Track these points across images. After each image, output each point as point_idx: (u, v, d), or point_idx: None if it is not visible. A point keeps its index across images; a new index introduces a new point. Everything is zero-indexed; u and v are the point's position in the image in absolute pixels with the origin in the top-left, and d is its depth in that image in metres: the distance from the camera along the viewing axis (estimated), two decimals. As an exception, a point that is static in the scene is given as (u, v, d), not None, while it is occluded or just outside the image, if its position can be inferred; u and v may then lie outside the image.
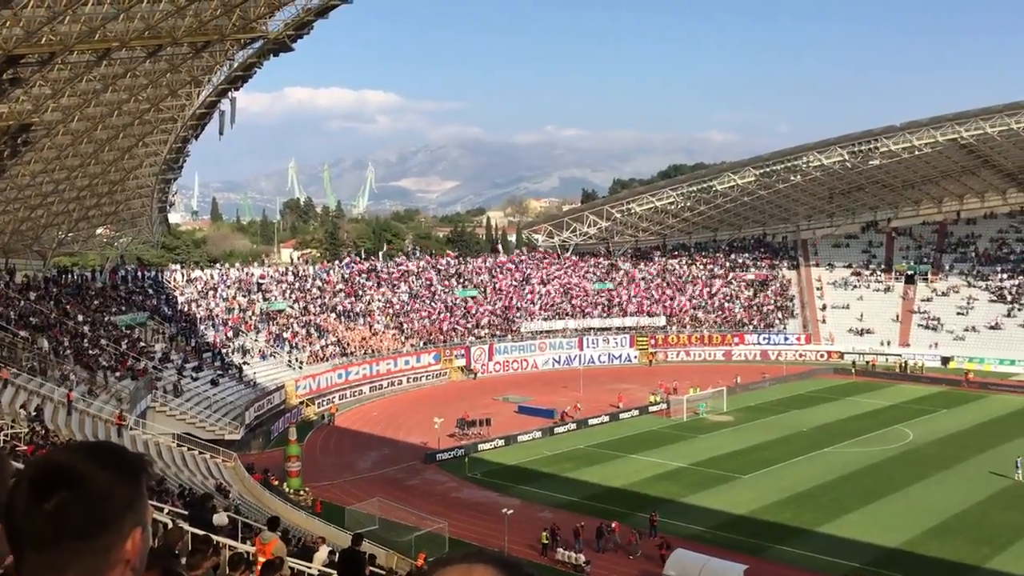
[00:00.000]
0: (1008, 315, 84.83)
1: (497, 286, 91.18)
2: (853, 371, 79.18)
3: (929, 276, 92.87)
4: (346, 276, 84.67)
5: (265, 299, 75.77)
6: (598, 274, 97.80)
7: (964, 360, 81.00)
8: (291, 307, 76.20)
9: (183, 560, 7.85)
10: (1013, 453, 48.92)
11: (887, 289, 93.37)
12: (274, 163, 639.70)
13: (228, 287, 75.76)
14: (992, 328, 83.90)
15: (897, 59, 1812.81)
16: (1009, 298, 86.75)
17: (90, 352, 51.88)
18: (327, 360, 70.52)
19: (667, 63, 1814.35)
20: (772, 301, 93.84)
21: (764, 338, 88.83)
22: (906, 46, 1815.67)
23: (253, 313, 72.96)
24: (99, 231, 69.52)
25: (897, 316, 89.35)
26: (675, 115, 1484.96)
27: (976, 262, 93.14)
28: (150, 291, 70.88)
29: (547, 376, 79.04)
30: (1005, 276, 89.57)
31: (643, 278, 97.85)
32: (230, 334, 68.06)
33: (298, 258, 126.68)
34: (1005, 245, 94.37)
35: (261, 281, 78.47)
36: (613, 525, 36.63)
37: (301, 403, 62.72)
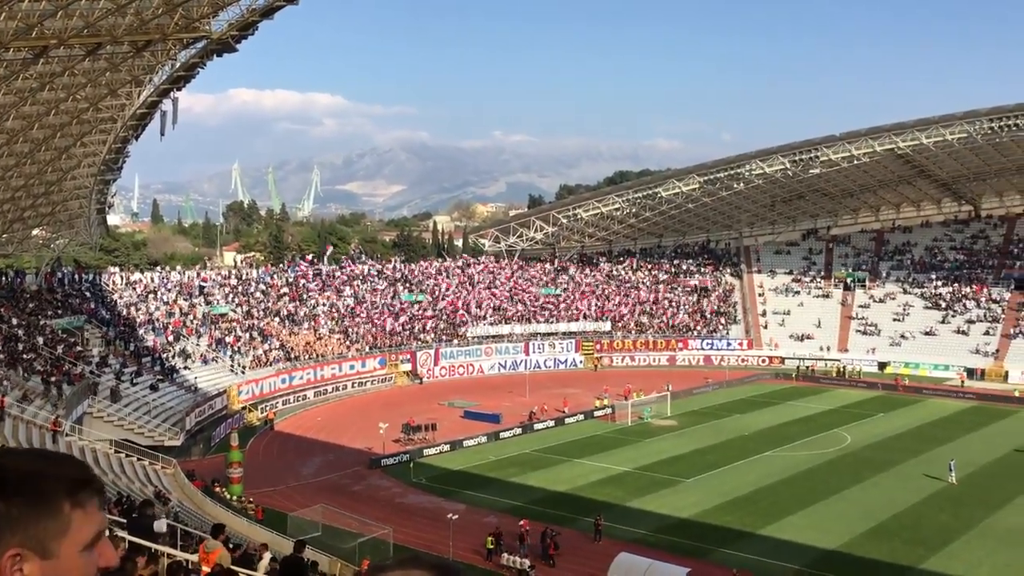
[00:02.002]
0: (942, 321, 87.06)
1: (443, 291, 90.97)
2: (795, 376, 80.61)
3: (867, 283, 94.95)
4: (290, 280, 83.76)
5: (207, 303, 74.59)
6: (544, 279, 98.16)
7: (900, 365, 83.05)
8: (234, 311, 75.11)
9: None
10: (947, 456, 50.21)
11: (826, 296, 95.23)
12: (217, 165, 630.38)
13: (169, 290, 74.44)
14: (927, 334, 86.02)
15: (837, 70, 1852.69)
16: (943, 305, 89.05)
17: (24, 356, 50.56)
18: (270, 365, 69.66)
19: (615, 71, 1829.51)
20: (715, 307, 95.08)
21: (707, 343, 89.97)
22: (846, 58, 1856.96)
23: (195, 317, 71.77)
24: (35, 232, 67.76)
25: (836, 322, 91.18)
26: (622, 122, 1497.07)
27: (912, 269, 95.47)
28: (87, 294, 69.33)
29: (493, 381, 79.04)
30: (940, 283, 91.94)
31: (589, 283, 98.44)
32: (171, 338, 66.88)
33: (241, 261, 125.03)
34: (940, 253, 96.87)
35: (203, 284, 77.24)
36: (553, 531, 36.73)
37: (243, 408, 61.85)
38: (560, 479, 46.98)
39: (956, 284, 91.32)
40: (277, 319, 76.63)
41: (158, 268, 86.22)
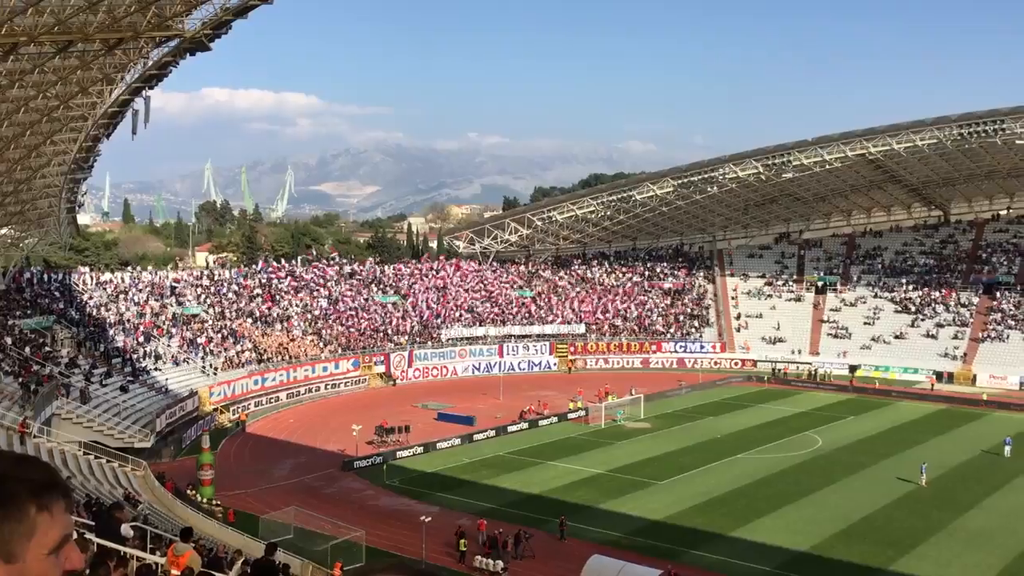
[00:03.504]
0: (912, 325, 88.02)
1: (418, 292, 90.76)
2: (766, 379, 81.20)
3: (838, 287, 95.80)
4: (264, 281, 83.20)
5: (179, 303, 73.94)
6: (519, 282, 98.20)
7: (871, 368, 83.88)
8: (206, 312, 74.50)
9: (87, 572, 7.59)
10: (916, 458, 50.83)
11: (798, 299, 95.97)
12: (190, 164, 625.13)
13: (140, 291, 73.71)
14: (897, 337, 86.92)
15: (810, 75, 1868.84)
16: (913, 309, 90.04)
17: (-8, 357, 49.87)
18: (243, 366, 69.14)
19: (589, 74, 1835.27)
20: (689, 310, 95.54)
21: (681, 346, 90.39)
22: (819, 63, 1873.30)
23: (166, 318, 71.13)
24: (3, 231, 66.85)
25: (808, 325, 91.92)
26: (596, 125, 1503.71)
27: (882, 274, 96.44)
28: (57, 294, 68.51)
29: (467, 383, 78.96)
30: (910, 287, 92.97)
31: (563, 286, 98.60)
32: (141, 339, 66.22)
33: (214, 262, 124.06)
34: (909, 258, 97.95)
35: (175, 285, 76.56)
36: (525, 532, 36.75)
37: (215, 410, 61.37)
38: (533, 481, 47.00)
39: (926, 288, 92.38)
40: (250, 320, 76.09)
41: (129, 268, 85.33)
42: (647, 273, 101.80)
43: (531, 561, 35.17)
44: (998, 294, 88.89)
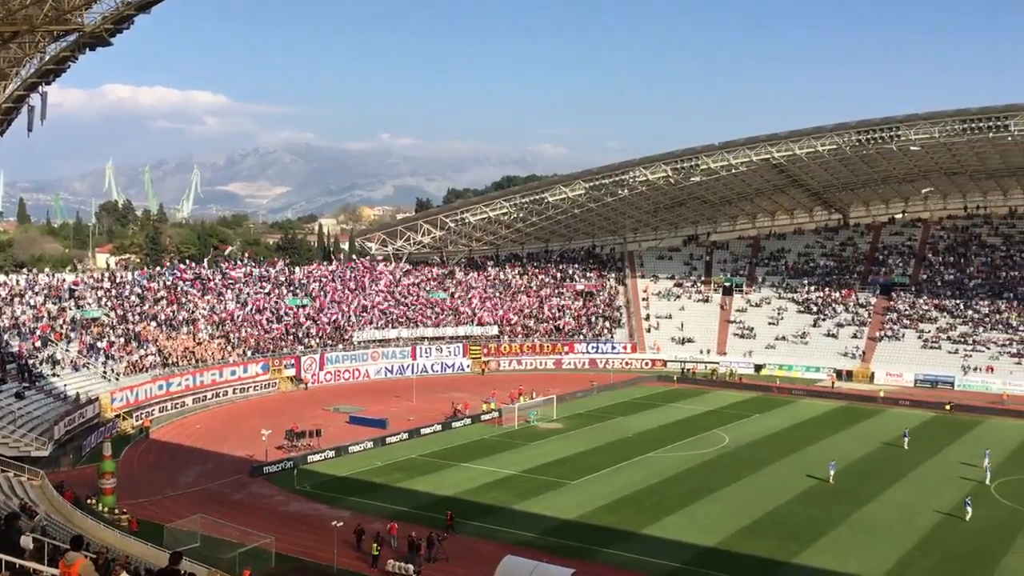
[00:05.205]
0: (814, 325, 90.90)
1: (329, 294, 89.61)
2: (675, 379, 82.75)
3: (744, 288, 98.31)
4: (168, 283, 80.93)
5: (78, 306, 71.37)
6: (432, 283, 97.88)
7: (775, 367, 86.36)
8: (107, 315, 72.10)
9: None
10: (819, 454, 52.56)
11: (706, 300, 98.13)
12: (90, 163, 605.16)
13: (36, 293, 70.87)
14: (799, 337, 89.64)
15: (717, 80, 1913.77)
16: (815, 309, 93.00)
17: None
18: (146, 371, 67.15)
19: (502, 77, 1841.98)
20: (600, 311, 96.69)
21: (593, 347, 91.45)
22: (726, 69, 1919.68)
23: (64, 321, 68.58)
24: None
25: (716, 326, 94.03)
26: (509, 128, 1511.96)
27: (786, 275, 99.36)
28: (-54, 297, 65.36)
29: (379, 385, 78.36)
30: (812, 288, 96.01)
31: (477, 288, 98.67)
32: (38, 344, 63.69)
33: (115, 264, 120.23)
34: (811, 260, 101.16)
35: (74, 288, 73.85)
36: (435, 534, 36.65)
37: (117, 416, 59.48)
38: (447, 483, 46.91)
39: (826, 289, 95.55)
40: (154, 323, 73.92)
41: (24, 270, 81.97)
42: (560, 275, 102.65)
43: (444, 564, 35.08)
44: (894, 295, 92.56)
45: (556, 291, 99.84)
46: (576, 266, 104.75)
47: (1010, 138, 74.21)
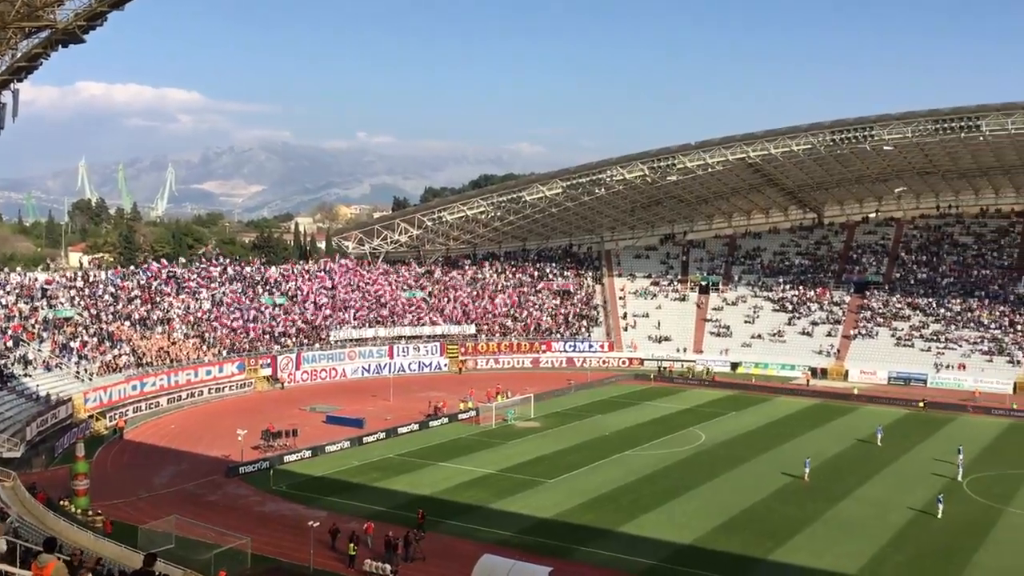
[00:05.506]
0: (789, 323, 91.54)
1: (305, 294, 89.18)
2: (652, 377, 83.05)
3: (720, 286, 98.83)
4: (143, 282, 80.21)
5: (50, 306, 70.60)
6: (409, 282, 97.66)
7: (751, 365, 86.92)
8: (80, 315, 71.38)
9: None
10: (794, 451, 52.87)
11: (683, 299, 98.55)
12: (63, 161, 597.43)
13: (8, 293, 70.05)
14: (775, 335, 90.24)
15: (694, 80, 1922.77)
16: (790, 307, 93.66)
17: None
18: (120, 371, 66.54)
19: (480, 76, 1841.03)
20: (578, 310, 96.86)
21: (570, 346, 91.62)
22: (701, 69, 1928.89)
23: (36, 321, 67.81)
24: None
25: (692, 324, 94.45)
26: (487, 127, 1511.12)
27: (761, 274, 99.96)
28: (-85, 297, 64.47)
29: (356, 385, 78.11)
30: (787, 287, 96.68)
31: (454, 287, 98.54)
32: (9, 343, 62.96)
33: (89, 263, 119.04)
34: (786, 258, 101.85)
35: (46, 287, 73.05)
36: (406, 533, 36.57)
37: (90, 417, 58.91)
38: (424, 483, 46.82)
39: (801, 288, 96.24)
40: (128, 323, 73.26)
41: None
42: (537, 274, 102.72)
43: (421, 563, 35.01)
44: (868, 293, 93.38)
45: (533, 290, 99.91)
46: (553, 265, 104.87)
47: (981, 138, 75.07)
